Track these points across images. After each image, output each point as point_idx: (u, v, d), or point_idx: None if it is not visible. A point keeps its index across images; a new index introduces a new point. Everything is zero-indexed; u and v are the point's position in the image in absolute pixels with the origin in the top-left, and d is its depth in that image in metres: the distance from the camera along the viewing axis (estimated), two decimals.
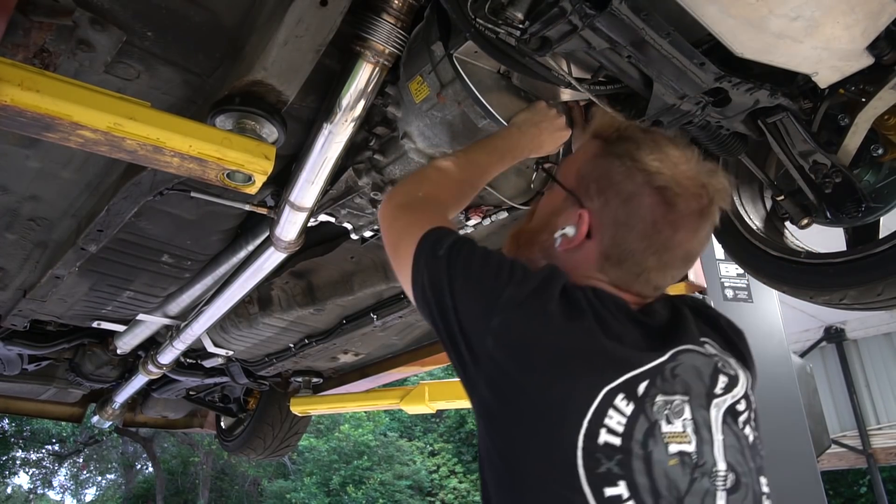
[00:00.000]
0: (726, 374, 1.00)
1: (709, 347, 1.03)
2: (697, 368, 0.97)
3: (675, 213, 1.01)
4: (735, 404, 0.98)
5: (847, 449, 7.53)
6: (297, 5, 1.29)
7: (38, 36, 1.25)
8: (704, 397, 0.95)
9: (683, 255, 1.06)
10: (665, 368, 0.94)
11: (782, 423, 3.94)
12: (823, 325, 7.73)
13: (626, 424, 0.88)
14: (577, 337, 0.93)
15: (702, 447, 0.91)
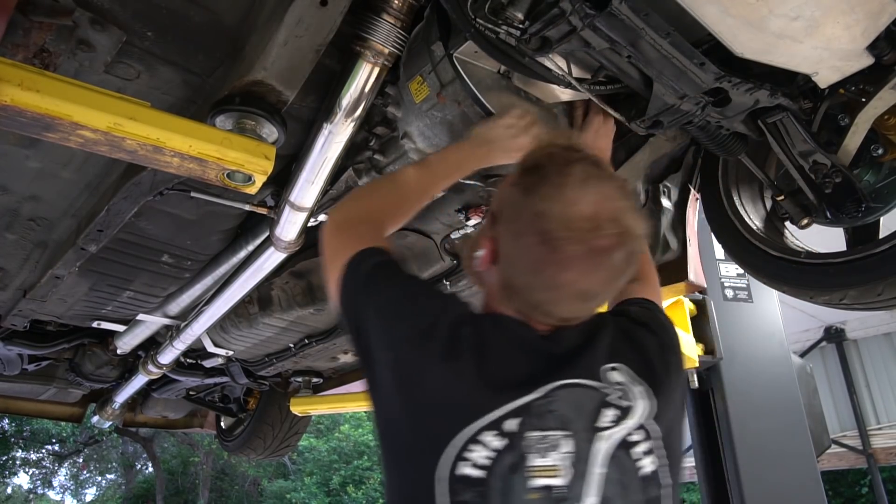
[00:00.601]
0: (616, 406, 0.99)
1: (613, 375, 1.02)
2: (578, 403, 0.98)
3: (560, 254, 0.98)
4: (628, 436, 0.98)
5: (847, 449, 7.53)
6: (297, 5, 1.29)
7: (38, 36, 1.25)
8: (588, 431, 0.96)
9: (578, 293, 1.02)
10: (535, 405, 0.96)
11: (782, 423, 3.94)
12: (823, 325, 7.73)
13: (493, 459, 0.93)
14: (451, 378, 0.98)
15: (574, 481, 0.93)
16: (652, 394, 1.03)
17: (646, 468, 0.98)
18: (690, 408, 4.32)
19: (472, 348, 1.00)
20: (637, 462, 0.97)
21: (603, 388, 1.01)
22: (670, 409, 1.05)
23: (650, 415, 1.01)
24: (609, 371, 1.03)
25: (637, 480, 0.97)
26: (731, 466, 3.84)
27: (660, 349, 1.11)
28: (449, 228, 2.15)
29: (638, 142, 1.82)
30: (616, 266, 1.01)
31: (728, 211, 1.80)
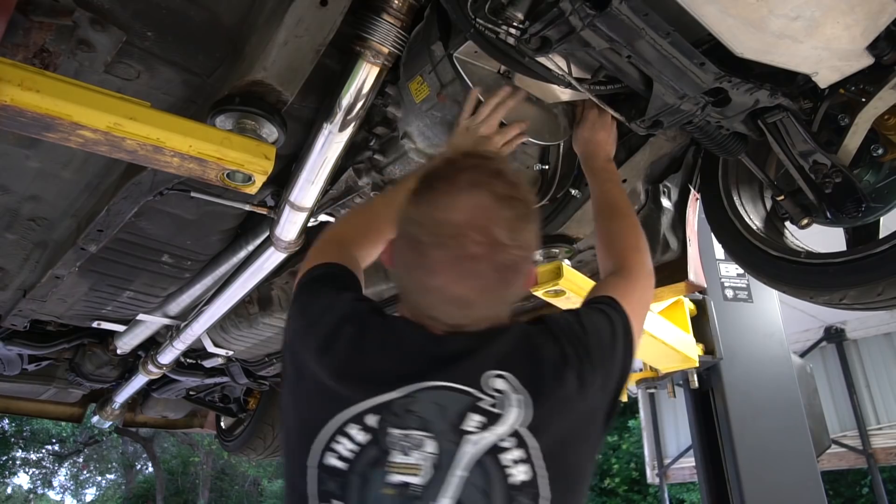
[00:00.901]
0: (485, 412, 0.98)
1: (495, 381, 1.00)
2: (441, 405, 0.98)
3: (427, 259, 1.01)
4: (499, 442, 0.96)
5: (847, 449, 7.52)
6: (297, 5, 1.29)
7: (38, 36, 1.25)
8: (453, 433, 0.96)
9: (450, 299, 1.03)
10: (395, 404, 0.99)
11: (782, 423, 3.94)
12: (823, 325, 7.73)
13: (356, 452, 0.98)
14: (322, 371, 1.05)
15: (432, 481, 0.93)
16: (531, 404, 0.99)
17: (517, 477, 0.95)
18: (690, 408, 4.33)
19: (350, 344, 1.07)
20: (506, 469, 0.95)
21: (476, 393, 0.99)
22: (562, 422, 1.01)
23: (523, 423, 0.97)
24: (492, 378, 1.00)
25: (504, 488, 0.94)
26: (731, 466, 3.84)
27: (559, 362, 1.05)
28: None
29: (638, 142, 1.82)
30: (486, 275, 1.00)
31: (728, 211, 1.80)
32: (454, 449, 0.95)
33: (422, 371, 1.01)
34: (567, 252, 2.06)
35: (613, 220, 1.46)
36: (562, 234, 2.00)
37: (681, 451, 8.34)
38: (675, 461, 8.47)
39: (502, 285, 1.04)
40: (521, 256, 1.03)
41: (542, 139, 1.60)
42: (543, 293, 2.05)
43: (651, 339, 2.56)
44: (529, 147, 1.85)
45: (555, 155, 1.92)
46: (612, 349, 1.13)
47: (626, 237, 1.41)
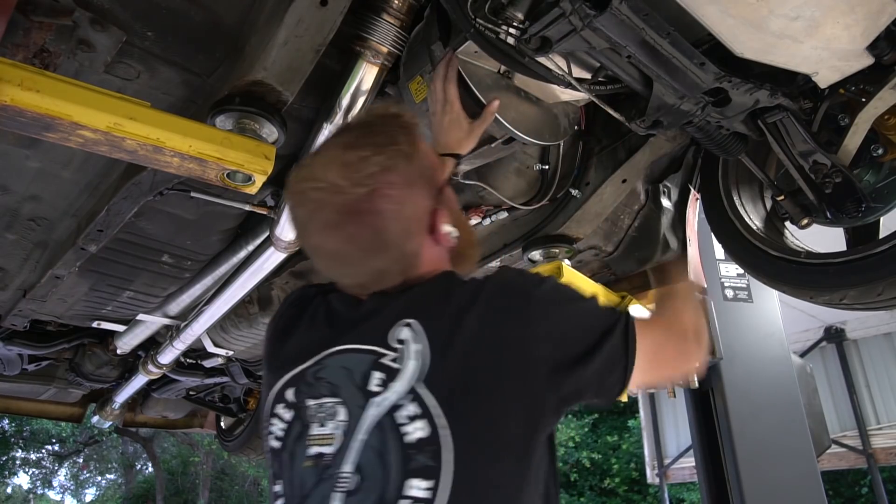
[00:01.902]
0: (386, 368, 0.94)
1: (401, 331, 0.96)
2: (347, 368, 0.97)
3: (297, 219, 1.06)
4: (398, 401, 0.92)
5: (847, 449, 7.52)
6: (297, 5, 1.29)
7: (38, 36, 1.25)
8: (360, 397, 0.94)
9: (329, 255, 1.06)
10: (307, 374, 1.00)
11: (782, 423, 3.94)
12: (823, 325, 7.72)
13: (286, 430, 1.00)
14: (265, 355, 1.14)
15: (340, 448, 0.92)
16: (428, 353, 0.93)
17: (412, 435, 0.89)
18: (690, 408, 4.32)
19: (280, 325, 1.14)
20: (401, 428, 0.90)
21: (379, 349, 0.96)
22: (464, 370, 0.93)
23: (420, 377, 0.92)
24: (398, 328, 0.97)
25: (399, 448, 0.89)
26: (731, 466, 3.84)
27: (465, 306, 0.97)
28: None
29: (638, 142, 1.82)
30: (337, 222, 0.99)
31: (728, 211, 1.80)
32: (360, 413, 0.93)
33: (333, 337, 1.02)
34: (567, 252, 2.06)
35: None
36: (562, 234, 2.01)
37: (681, 451, 8.34)
38: (675, 461, 8.47)
39: (365, 230, 0.99)
40: (361, 194, 0.98)
41: (541, 139, 1.60)
42: None
43: None
44: (529, 147, 1.85)
45: (555, 155, 1.92)
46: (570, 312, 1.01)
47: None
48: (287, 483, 0.97)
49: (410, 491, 0.86)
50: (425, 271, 1.06)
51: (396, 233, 1.01)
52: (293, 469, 0.97)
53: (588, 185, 1.91)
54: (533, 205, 1.97)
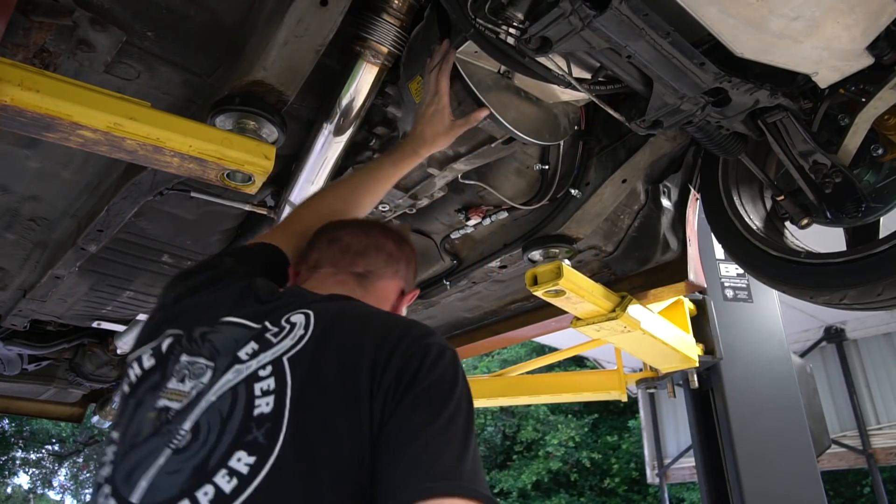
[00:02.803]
0: (263, 340, 0.96)
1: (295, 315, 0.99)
2: (236, 340, 0.98)
3: None
4: (259, 370, 0.91)
5: (847, 449, 7.52)
6: (297, 5, 1.29)
7: (38, 36, 1.25)
8: (228, 361, 0.94)
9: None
10: (195, 331, 1.01)
11: (782, 423, 3.94)
12: (823, 325, 7.73)
13: (140, 377, 1.00)
14: (159, 303, 1.18)
15: (187, 406, 0.91)
16: (307, 340, 0.94)
17: (259, 408, 0.87)
18: (690, 408, 4.32)
19: (196, 284, 1.17)
20: (255, 399, 0.88)
21: (268, 325, 0.99)
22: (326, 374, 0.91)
23: (287, 353, 0.92)
24: (296, 313, 1.00)
25: (243, 417, 0.87)
26: (731, 466, 3.84)
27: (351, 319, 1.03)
28: (449, 228, 2.16)
29: (638, 142, 1.82)
30: None
31: (728, 211, 1.80)
32: (220, 377, 0.93)
33: (237, 309, 1.04)
34: (567, 252, 2.06)
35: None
36: (562, 234, 2.01)
37: (681, 451, 8.34)
38: (675, 461, 8.48)
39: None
40: None
41: (542, 139, 1.60)
42: (543, 293, 2.05)
43: (651, 339, 2.56)
44: (529, 147, 1.85)
45: (555, 155, 1.92)
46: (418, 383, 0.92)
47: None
48: (123, 430, 0.95)
49: (233, 462, 0.83)
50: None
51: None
52: (134, 417, 0.94)
53: (588, 185, 1.91)
54: (533, 205, 1.97)
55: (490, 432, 15.84)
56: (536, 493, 14.88)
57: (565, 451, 14.37)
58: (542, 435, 14.71)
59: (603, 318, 2.23)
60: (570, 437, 14.22)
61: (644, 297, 2.29)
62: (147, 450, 0.89)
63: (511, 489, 14.80)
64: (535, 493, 14.87)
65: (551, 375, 5.66)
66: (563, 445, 14.28)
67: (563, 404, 14.44)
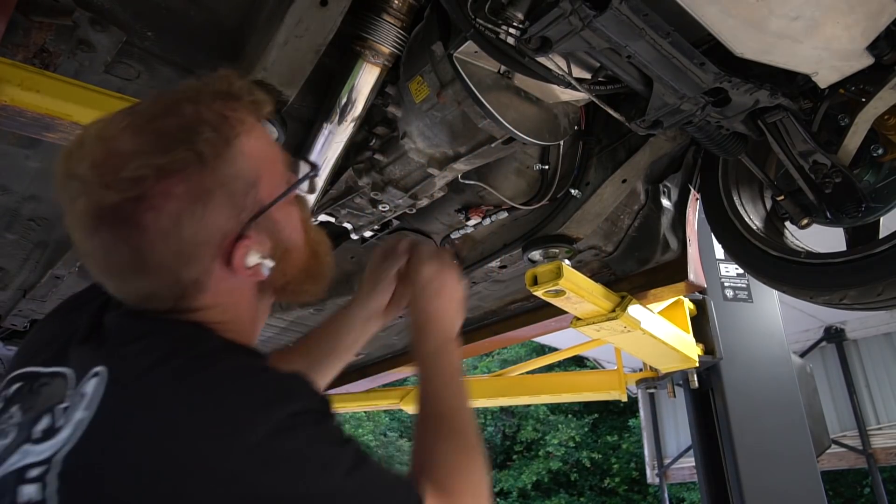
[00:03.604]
0: (56, 415, 0.73)
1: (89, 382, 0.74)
2: (52, 394, 0.77)
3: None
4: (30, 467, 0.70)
5: (847, 449, 7.53)
6: (297, 5, 1.29)
7: (38, 36, 1.25)
8: (23, 434, 0.74)
9: (86, 256, 0.81)
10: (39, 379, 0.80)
11: (782, 423, 3.94)
12: (823, 325, 7.73)
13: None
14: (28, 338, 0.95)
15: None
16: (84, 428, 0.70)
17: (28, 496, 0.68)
18: (690, 408, 4.32)
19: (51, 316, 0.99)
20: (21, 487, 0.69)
21: (70, 390, 0.76)
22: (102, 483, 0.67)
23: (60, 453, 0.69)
24: (91, 378, 0.74)
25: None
26: (731, 466, 3.84)
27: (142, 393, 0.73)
28: (449, 228, 2.16)
29: (638, 142, 1.82)
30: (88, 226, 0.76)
31: (728, 211, 1.80)
32: (7, 453, 0.73)
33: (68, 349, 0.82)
34: (567, 252, 2.06)
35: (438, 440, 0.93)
36: (562, 234, 2.01)
37: (681, 451, 8.35)
38: (675, 461, 8.48)
39: (121, 246, 0.75)
40: (119, 200, 0.73)
41: (542, 139, 1.60)
42: (543, 293, 2.05)
43: (651, 339, 2.56)
44: (529, 147, 1.85)
45: (555, 155, 1.92)
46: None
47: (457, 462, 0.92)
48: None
49: None
50: (207, 305, 0.82)
51: (164, 256, 0.76)
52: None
53: (588, 185, 1.91)
54: (533, 205, 1.97)
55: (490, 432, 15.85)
56: (536, 493, 14.89)
57: (565, 451, 14.38)
58: (542, 435, 14.73)
59: (603, 318, 2.24)
60: (570, 436, 14.24)
61: (644, 297, 2.29)
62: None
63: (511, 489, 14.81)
64: (535, 493, 14.89)
65: (551, 375, 5.66)
66: (563, 445, 14.29)
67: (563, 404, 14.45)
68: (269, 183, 0.86)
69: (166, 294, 0.80)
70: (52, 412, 0.74)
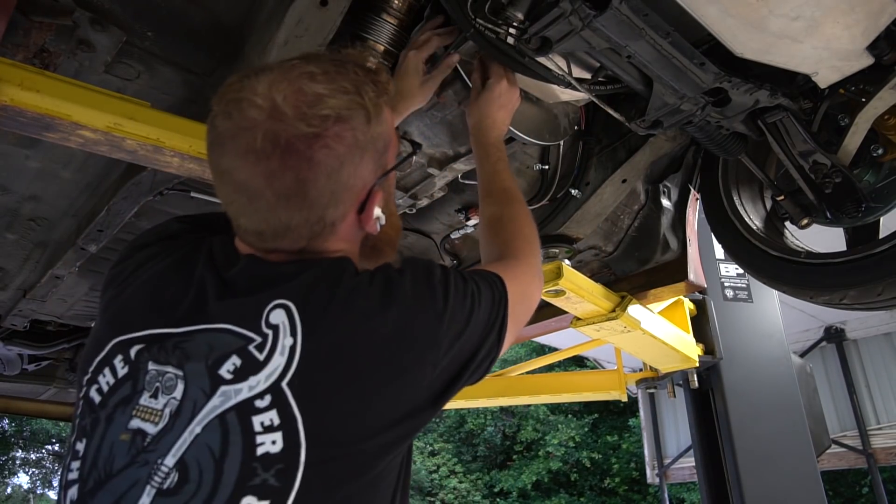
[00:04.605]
0: (246, 354, 0.80)
1: (275, 314, 0.82)
2: (211, 345, 0.82)
3: (217, 130, 0.86)
4: (254, 399, 0.77)
5: (847, 449, 7.52)
6: (297, 5, 1.29)
7: (38, 36, 1.25)
8: (206, 379, 0.80)
9: (238, 185, 0.85)
10: (169, 340, 0.85)
11: (782, 423, 3.94)
12: (823, 325, 7.73)
13: (113, 386, 0.85)
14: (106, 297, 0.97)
15: (164, 432, 0.78)
16: (298, 350, 0.80)
17: (263, 447, 0.75)
18: (690, 408, 4.33)
19: (147, 266, 0.96)
20: (256, 437, 0.76)
21: (250, 334, 0.82)
22: (334, 386, 0.80)
23: (284, 377, 0.78)
24: (273, 309, 0.82)
25: (243, 458, 0.75)
26: (731, 466, 3.84)
27: (339, 301, 0.84)
28: (449, 228, 2.16)
29: (638, 142, 1.82)
30: (264, 151, 0.82)
31: (728, 211, 1.80)
32: (200, 398, 0.78)
33: (209, 306, 0.87)
34: (567, 252, 2.06)
35: (503, 206, 1.28)
36: (562, 234, 2.01)
37: (681, 451, 8.34)
38: (675, 461, 8.47)
39: (289, 174, 0.83)
40: (303, 133, 0.82)
41: (542, 139, 1.60)
42: (543, 293, 2.05)
43: (651, 339, 2.56)
44: (529, 147, 1.85)
45: (555, 155, 1.92)
46: (465, 315, 0.90)
47: (515, 224, 1.24)
48: (93, 448, 0.82)
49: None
50: (333, 249, 0.93)
51: (322, 192, 0.86)
52: (105, 436, 0.81)
53: (588, 185, 1.91)
54: (533, 205, 1.97)
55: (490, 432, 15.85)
56: (536, 493, 14.89)
57: (565, 451, 14.38)
58: (542, 435, 14.72)
59: (603, 318, 2.24)
60: (570, 437, 14.23)
61: (644, 297, 2.29)
62: (125, 484, 0.77)
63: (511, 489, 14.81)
64: (535, 493, 14.88)
65: (551, 375, 5.66)
66: (563, 445, 14.29)
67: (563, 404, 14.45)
68: (393, 150, 1.01)
69: (305, 231, 0.89)
70: (231, 357, 0.80)
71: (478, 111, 1.40)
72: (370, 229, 0.97)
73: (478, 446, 16.15)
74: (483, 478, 15.62)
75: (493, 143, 1.38)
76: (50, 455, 18.82)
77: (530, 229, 1.24)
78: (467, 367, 0.91)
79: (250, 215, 0.88)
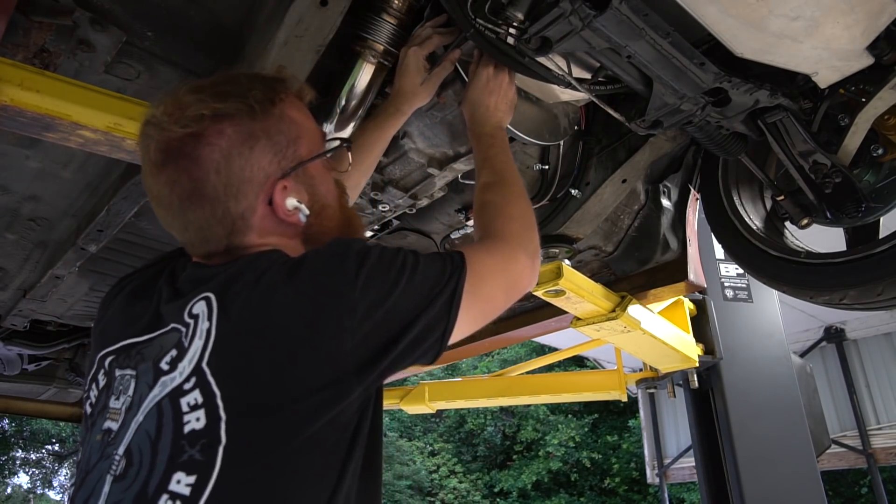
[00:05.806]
0: (178, 345, 0.86)
1: (197, 306, 0.87)
2: (162, 345, 0.89)
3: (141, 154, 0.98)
4: (183, 383, 0.83)
5: (847, 449, 7.52)
6: (297, 5, 1.29)
7: (38, 36, 1.25)
8: (151, 373, 0.87)
9: (156, 199, 0.96)
10: (135, 348, 0.93)
11: (782, 423, 3.94)
12: (823, 325, 7.73)
13: (97, 398, 0.96)
14: (99, 318, 1.08)
15: (121, 427, 0.87)
16: (213, 333, 0.84)
17: (189, 425, 0.80)
18: (690, 408, 4.33)
19: (128, 287, 1.07)
20: (183, 417, 0.81)
21: (180, 326, 0.89)
22: (249, 358, 0.83)
23: (203, 358, 0.83)
24: (196, 301, 0.88)
25: (173, 437, 0.80)
26: (731, 466, 3.84)
27: (252, 283, 0.87)
28: (449, 228, 2.16)
29: (638, 142, 1.82)
30: (158, 162, 0.93)
31: (728, 211, 1.80)
32: (147, 391, 0.86)
33: (160, 312, 0.95)
34: (567, 252, 2.06)
35: (487, 191, 1.25)
36: (562, 234, 2.01)
37: (681, 451, 8.35)
38: (675, 461, 8.48)
39: (183, 176, 0.92)
40: (182, 135, 0.91)
41: (542, 139, 1.60)
42: (543, 293, 2.05)
43: (651, 339, 2.56)
44: (529, 147, 1.85)
45: (555, 155, 1.92)
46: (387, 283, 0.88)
47: (498, 206, 1.21)
48: (84, 455, 0.93)
49: (172, 485, 0.78)
50: (258, 243, 0.97)
51: (216, 187, 0.92)
52: (89, 441, 0.92)
53: (588, 185, 1.91)
54: (533, 205, 1.97)
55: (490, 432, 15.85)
56: (536, 493, 14.89)
57: (565, 451, 14.38)
58: (542, 435, 14.73)
59: (603, 318, 2.24)
60: (570, 437, 14.24)
61: (644, 297, 2.30)
62: (96, 476, 0.86)
63: (511, 489, 14.81)
64: (535, 493, 14.89)
65: (551, 375, 5.66)
66: (563, 445, 14.29)
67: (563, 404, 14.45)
68: (308, 144, 1.03)
69: (219, 230, 0.95)
70: (171, 350, 0.87)
71: (470, 103, 1.41)
72: (292, 220, 0.99)
73: (478, 446, 16.16)
74: (483, 478, 15.63)
75: (487, 133, 1.37)
76: (50, 455, 18.81)
77: (516, 209, 1.20)
78: (401, 337, 0.88)
79: (175, 226, 0.97)
